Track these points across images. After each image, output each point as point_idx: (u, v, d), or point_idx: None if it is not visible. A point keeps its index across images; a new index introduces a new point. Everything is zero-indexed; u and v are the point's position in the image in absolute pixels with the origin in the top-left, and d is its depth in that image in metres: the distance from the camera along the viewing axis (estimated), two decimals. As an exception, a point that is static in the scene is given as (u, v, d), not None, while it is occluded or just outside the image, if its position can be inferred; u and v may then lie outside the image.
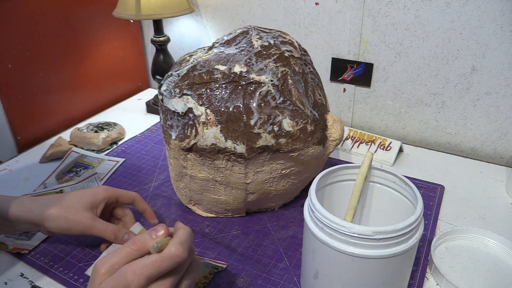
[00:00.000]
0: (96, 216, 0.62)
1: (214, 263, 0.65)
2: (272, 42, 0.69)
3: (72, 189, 0.81)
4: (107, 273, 0.45)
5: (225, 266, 0.64)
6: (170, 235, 0.48)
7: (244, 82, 0.63)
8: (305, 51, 0.75)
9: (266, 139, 0.63)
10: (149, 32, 1.27)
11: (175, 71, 0.69)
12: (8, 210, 0.61)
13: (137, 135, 1.03)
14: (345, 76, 1.01)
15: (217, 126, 0.63)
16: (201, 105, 0.63)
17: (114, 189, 0.66)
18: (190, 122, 0.64)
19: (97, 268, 0.45)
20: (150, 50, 1.30)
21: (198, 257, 0.63)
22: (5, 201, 0.62)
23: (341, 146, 0.96)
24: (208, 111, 0.63)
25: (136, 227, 0.64)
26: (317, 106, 0.70)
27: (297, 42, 0.74)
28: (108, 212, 0.68)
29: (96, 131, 0.99)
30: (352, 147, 0.95)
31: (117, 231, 0.61)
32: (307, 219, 0.52)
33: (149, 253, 0.46)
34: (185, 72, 0.67)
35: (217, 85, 0.64)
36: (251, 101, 0.63)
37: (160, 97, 0.68)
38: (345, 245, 0.48)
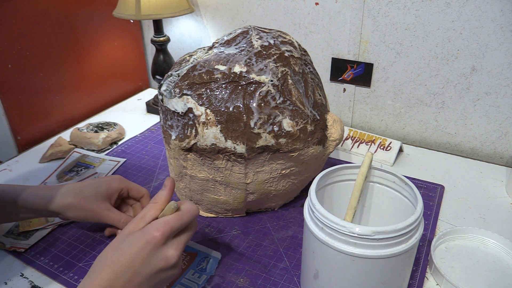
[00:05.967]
0: (111, 206, 0.66)
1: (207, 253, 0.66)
2: (272, 42, 0.69)
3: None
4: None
5: (219, 257, 0.66)
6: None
7: (244, 82, 0.63)
8: (305, 51, 0.75)
9: (266, 139, 0.63)
10: (149, 32, 1.27)
11: (175, 71, 0.69)
12: (24, 199, 0.63)
13: (137, 135, 1.03)
14: (345, 76, 1.01)
15: (217, 126, 0.63)
16: (201, 105, 0.63)
17: (128, 181, 0.69)
18: (190, 122, 0.64)
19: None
20: (150, 50, 1.30)
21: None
22: (16, 190, 0.64)
23: (341, 146, 0.96)
24: (208, 111, 0.63)
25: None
26: (317, 106, 0.70)
27: (297, 42, 0.74)
28: (120, 200, 0.70)
29: (96, 131, 0.99)
30: (352, 147, 0.95)
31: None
32: (307, 219, 0.52)
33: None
34: (185, 72, 0.67)
35: (217, 85, 0.64)
36: (251, 101, 0.63)
37: (160, 97, 0.68)
38: (345, 245, 0.48)
